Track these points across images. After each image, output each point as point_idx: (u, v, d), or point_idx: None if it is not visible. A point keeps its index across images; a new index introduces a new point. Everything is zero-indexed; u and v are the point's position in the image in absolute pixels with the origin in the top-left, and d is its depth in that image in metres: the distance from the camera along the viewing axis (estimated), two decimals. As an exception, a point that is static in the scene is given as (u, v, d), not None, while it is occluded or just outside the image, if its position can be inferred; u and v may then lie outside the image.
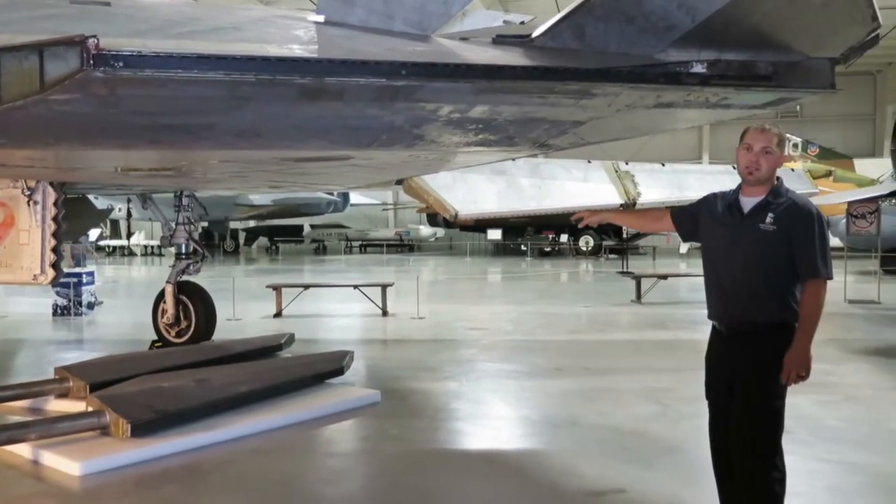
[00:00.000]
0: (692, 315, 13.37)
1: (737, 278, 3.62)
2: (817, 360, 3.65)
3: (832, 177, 31.32)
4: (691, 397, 7.40)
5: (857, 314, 13.44)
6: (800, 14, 3.50)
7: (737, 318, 3.66)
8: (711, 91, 3.70)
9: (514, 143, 4.99)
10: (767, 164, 3.60)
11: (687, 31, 3.42)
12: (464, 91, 3.51)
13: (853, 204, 16.70)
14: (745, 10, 3.34)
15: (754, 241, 3.56)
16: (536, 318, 13.22)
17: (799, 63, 3.72)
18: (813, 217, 3.53)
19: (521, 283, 22.16)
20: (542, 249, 33.75)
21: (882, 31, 3.77)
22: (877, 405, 6.99)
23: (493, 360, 9.45)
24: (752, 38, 3.54)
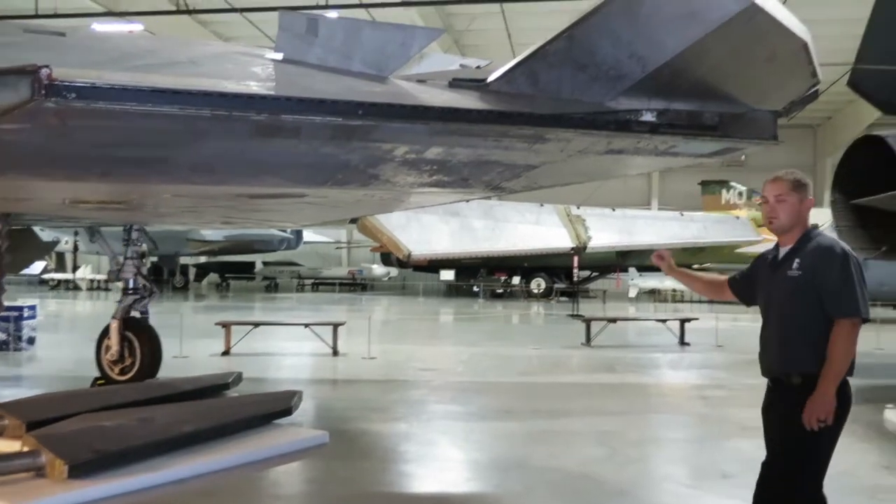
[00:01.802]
0: (640, 359, 13.52)
1: (777, 327, 3.59)
2: (759, 404, 3.71)
3: (776, 225, 32.22)
4: (639, 440, 7.47)
5: (800, 360, 13.72)
6: (745, 68, 3.64)
7: (775, 372, 3.62)
8: (660, 139, 3.79)
9: (468, 185, 5.05)
10: (784, 212, 3.58)
11: (637, 80, 3.52)
12: (420, 132, 3.55)
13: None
14: (692, 63, 3.45)
15: (784, 289, 3.53)
16: (487, 359, 13.22)
17: (744, 115, 3.85)
18: (836, 255, 3.44)
19: (473, 324, 22.18)
20: (495, 291, 33.88)
21: (821, 86, 3.93)
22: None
23: (444, 401, 9.40)
24: (700, 89, 3.66)
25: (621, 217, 34.22)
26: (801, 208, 3.60)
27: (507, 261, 32.01)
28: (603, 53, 3.47)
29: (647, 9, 3.29)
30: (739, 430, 7.77)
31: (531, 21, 24.01)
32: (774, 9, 3.27)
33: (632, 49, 3.44)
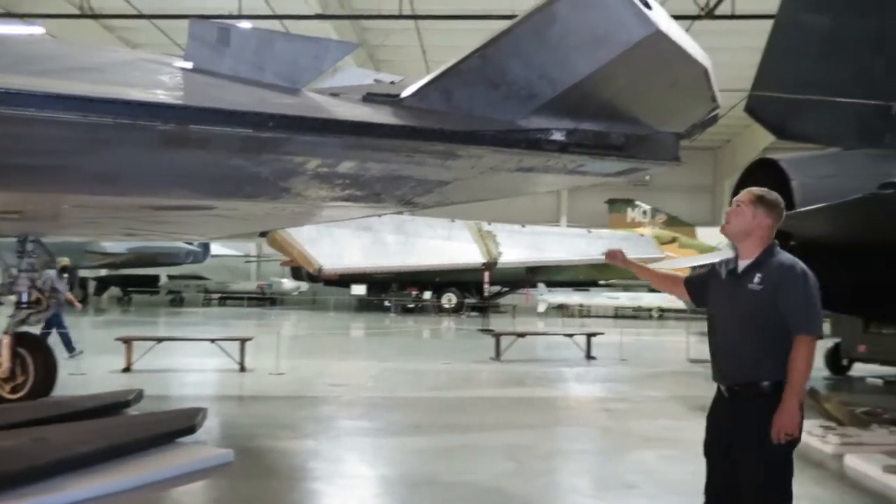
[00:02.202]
0: (548, 372, 13.74)
1: (734, 339, 3.66)
2: (661, 416, 3.82)
3: (677, 243, 33.38)
4: (546, 453, 7.58)
5: (699, 372, 14.20)
6: (649, 91, 3.77)
7: (736, 380, 3.66)
8: (569, 158, 3.89)
9: (380, 200, 5.05)
10: (736, 219, 3.68)
11: (548, 100, 3.60)
12: (332, 146, 3.54)
13: (695, 269, 17.82)
14: (600, 85, 3.56)
15: (745, 301, 3.60)
16: (398, 374, 13.18)
17: (648, 136, 3.99)
18: (797, 275, 3.53)
19: (383, 338, 22.09)
20: (406, 306, 33.86)
21: (721, 111, 4.11)
22: (717, 460, 7.37)
23: (354, 417, 9.31)
24: (607, 110, 3.77)
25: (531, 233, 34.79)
26: (753, 223, 3.65)
27: (418, 276, 32.07)
28: (514, 73, 3.54)
29: (557, 31, 3.38)
30: (642, 442, 7.98)
31: (446, 38, 24.25)
32: (678, 36, 3.41)
33: (542, 70, 3.52)
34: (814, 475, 6.62)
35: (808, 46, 8.42)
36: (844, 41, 8.41)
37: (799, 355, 3.47)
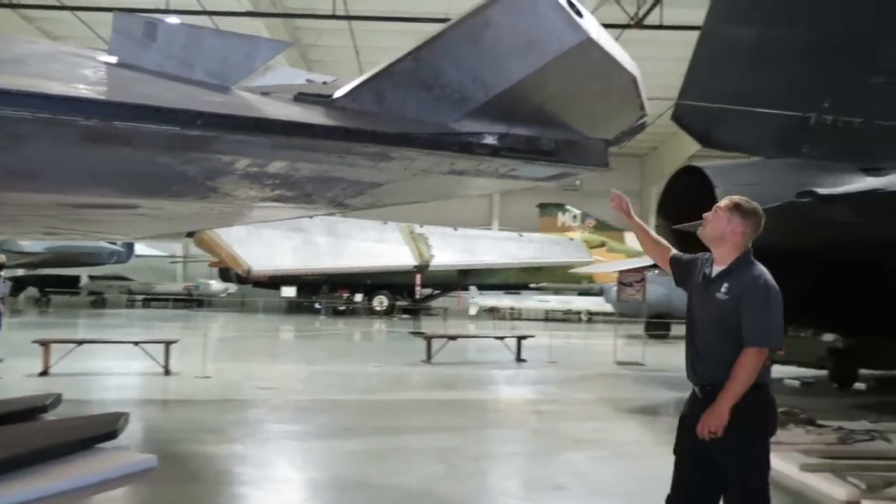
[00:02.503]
0: (479, 375, 13.82)
1: (707, 342, 3.78)
2: (589, 418, 3.88)
3: (605, 247, 34.06)
4: (477, 456, 7.61)
5: (626, 375, 14.50)
6: (579, 98, 3.83)
7: (709, 379, 3.74)
8: (501, 162, 3.92)
9: (311, 201, 4.99)
10: (711, 223, 3.77)
11: (480, 104, 3.62)
12: (262, 146, 3.48)
13: (623, 273, 18.17)
14: (532, 90, 3.59)
15: (715, 308, 3.72)
16: (328, 377, 13.07)
17: (578, 142, 4.05)
18: (758, 288, 3.64)
19: (314, 341, 21.85)
20: (337, 308, 33.57)
21: (648, 119, 4.20)
22: (642, 460, 7.54)
23: (282, 420, 9.19)
24: (539, 116, 3.81)
25: (463, 236, 35.00)
26: (727, 229, 3.73)
27: (350, 278, 31.86)
28: (448, 76, 3.55)
29: (491, 36, 3.40)
30: (571, 444, 8.10)
31: (379, 40, 24.18)
32: (607, 44, 3.47)
33: (476, 73, 3.54)
34: (734, 474, 6.81)
35: (733, 57, 8.68)
36: (767, 53, 8.70)
37: (743, 364, 3.58)
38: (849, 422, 8.37)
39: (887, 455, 7.06)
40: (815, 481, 6.28)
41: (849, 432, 7.71)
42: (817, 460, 6.65)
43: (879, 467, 6.57)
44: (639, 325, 20.71)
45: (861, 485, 6.00)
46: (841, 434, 7.62)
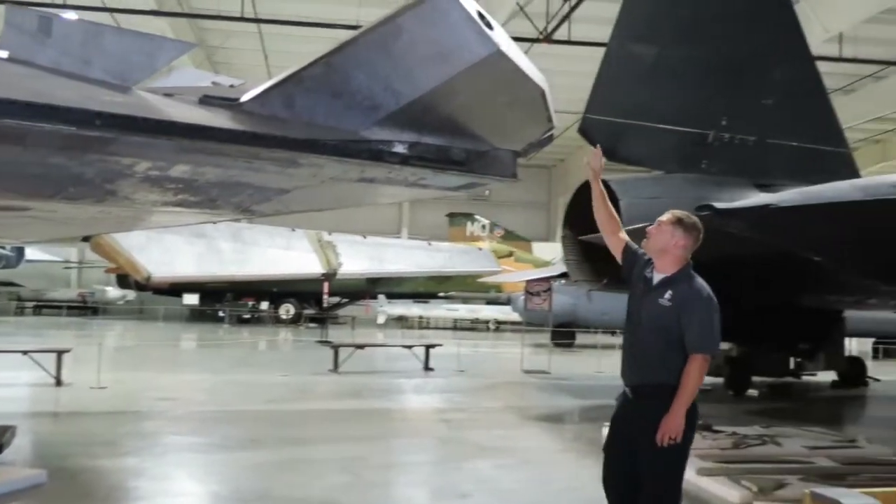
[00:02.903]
0: (387, 384, 13.76)
1: (646, 344, 3.96)
2: (496, 426, 3.91)
3: (514, 257, 34.51)
4: (383, 465, 7.57)
5: (532, 383, 14.72)
6: (489, 109, 3.87)
7: (642, 380, 3.95)
8: (411, 170, 3.91)
9: (216, 207, 4.85)
10: (656, 236, 3.97)
11: (391, 112, 3.60)
12: (164, 148, 3.36)
13: (530, 283, 18.45)
14: (442, 100, 3.60)
15: (656, 312, 3.90)
16: (232, 387, 12.75)
17: (487, 153, 4.08)
18: (702, 299, 3.89)
19: (217, 350, 21.30)
20: (242, 316, 32.81)
21: (556, 132, 4.28)
22: (548, 467, 7.65)
23: (183, 432, 8.90)
24: (449, 125, 3.83)
25: (372, 245, 34.85)
26: (671, 242, 3.95)
27: (255, 285, 31.20)
28: (358, 83, 3.52)
29: (402, 45, 3.39)
30: (478, 451, 8.14)
31: (289, 44, 23.85)
32: (517, 57, 3.52)
33: (386, 82, 3.52)
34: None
35: (637, 75, 8.97)
36: (669, 72, 9.03)
37: (691, 370, 3.82)
38: (742, 427, 8.73)
39: (778, 458, 7.39)
40: (710, 485, 6.51)
41: (742, 437, 8.03)
42: (713, 465, 6.89)
43: (770, 470, 6.87)
44: (545, 334, 21.06)
45: (753, 487, 6.26)
46: (735, 439, 7.92)
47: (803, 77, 9.88)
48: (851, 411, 13.48)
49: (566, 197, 11.84)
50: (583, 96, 8.97)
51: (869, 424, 11.73)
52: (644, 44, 8.96)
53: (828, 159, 9.69)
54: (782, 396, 14.18)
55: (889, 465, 7.25)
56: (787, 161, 9.46)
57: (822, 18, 18.87)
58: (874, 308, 12.97)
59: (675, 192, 8.76)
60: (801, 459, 7.34)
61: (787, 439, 8.17)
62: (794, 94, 9.70)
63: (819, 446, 7.92)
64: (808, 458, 7.38)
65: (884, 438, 9.05)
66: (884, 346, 22.90)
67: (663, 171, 9.26)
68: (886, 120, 30.23)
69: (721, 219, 5.98)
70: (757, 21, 9.61)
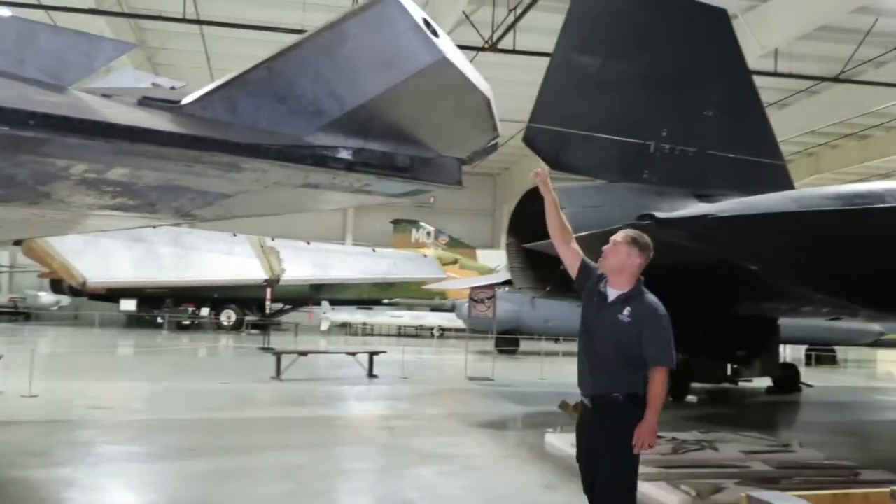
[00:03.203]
0: (330, 391, 13.64)
1: (604, 357, 4.17)
2: (440, 433, 3.91)
3: (458, 264, 34.61)
4: (326, 473, 7.49)
5: (476, 390, 14.76)
6: (434, 116, 3.87)
7: (600, 391, 4.17)
8: (355, 177, 3.88)
9: (155, 210, 4.75)
10: (613, 256, 4.18)
11: (335, 118, 3.58)
12: (102, 151, 3.27)
13: (474, 290, 18.52)
14: (387, 106, 3.59)
15: (614, 328, 4.11)
16: (170, 395, 12.48)
17: (433, 160, 4.08)
18: (660, 316, 4.12)
19: (155, 357, 20.83)
20: (181, 322, 32.17)
21: (501, 140, 4.31)
22: (491, 473, 7.67)
23: (119, 441, 8.67)
24: (394, 132, 3.81)
25: (316, 251, 34.57)
26: (627, 261, 4.17)
27: (195, 291, 30.65)
28: (302, 88, 3.49)
29: (347, 51, 3.38)
30: (421, 458, 8.13)
31: (232, 47, 23.53)
32: (463, 65, 3.53)
33: (331, 87, 3.50)
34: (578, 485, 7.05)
35: (581, 85, 9.09)
36: (612, 82, 9.17)
37: (657, 382, 4.07)
38: (682, 433, 8.90)
39: (715, 463, 7.55)
40: (651, 490, 6.61)
41: (681, 442, 8.19)
42: (653, 469, 7.01)
43: (708, 475, 7.02)
44: (489, 341, 21.16)
45: (692, 492, 6.38)
46: (675, 444, 8.08)
47: (741, 91, 10.15)
48: (785, 416, 13.86)
49: (511, 205, 11.92)
50: (527, 105, 9.04)
51: (802, 429, 12.07)
52: (588, 55, 9.08)
53: (764, 171, 9.96)
54: (720, 402, 14.50)
55: (821, 469, 7.47)
56: (725, 172, 9.69)
57: (758, 34, 19.44)
58: (807, 316, 13.36)
59: (618, 202, 8.89)
60: (737, 464, 7.52)
61: (724, 444, 8.36)
62: (733, 108, 9.95)
63: (755, 451, 8.12)
64: (745, 463, 7.56)
65: (816, 443, 9.33)
66: (816, 353, 23.65)
67: (606, 180, 9.39)
68: (819, 134, 31.28)
69: (662, 228, 6.08)
70: (696, 35, 9.84)
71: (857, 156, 33.89)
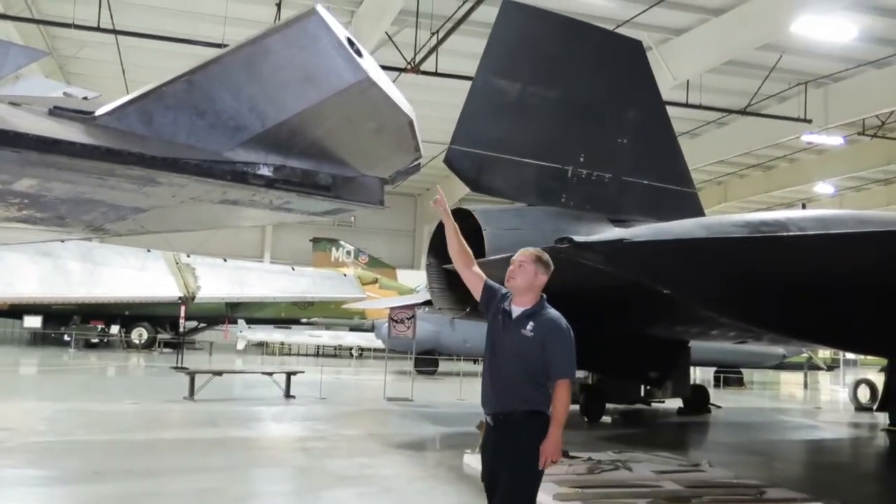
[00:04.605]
0: (245, 412, 13.35)
1: (507, 373, 4.20)
2: (358, 454, 3.88)
3: (378, 284, 34.48)
4: (239, 496, 7.32)
5: (394, 410, 14.69)
6: (356, 135, 3.87)
7: (503, 408, 4.19)
8: (276, 194, 3.84)
9: (65, 224, 4.58)
10: (521, 276, 4.25)
11: (256, 134, 3.54)
12: (8, 161, 3.15)
13: (394, 309, 18.47)
14: (309, 124, 3.58)
15: (518, 343, 4.17)
16: (76, 416, 11.98)
17: (355, 179, 4.08)
18: (562, 329, 4.20)
19: (61, 376, 19.99)
20: (90, 341, 30.98)
21: (423, 161, 4.34)
22: (409, 495, 7.63)
23: (18, 465, 8.26)
24: (315, 150, 3.80)
25: (233, 268, 33.89)
26: (535, 280, 4.27)
27: (105, 308, 29.60)
28: (222, 103, 3.44)
29: (268, 67, 3.35)
30: (338, 480, 8.03)
31: (149, 59, 22.98)
32: (386, 85, 3.55)
33: (252, 103, 3.46)
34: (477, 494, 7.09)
35: (501, 109, 9.24)
36: (531, 108, 9.36)
37: (561, 395, 4.14)
38: (597, 453, 9.05)
39: (629, 483, 7.71)
40: (565, 509, 6.70)
41: (597, 462, 8.33)
42: (569, 489, 7.10)
43: (623, 494, 7.16)
44: (408, 361, 21.11)
45: (604, 511, 6.48)
46: (590, 464, 8.21)
47: (654, 120, 10.50)
48: (696, 436, 14.26)
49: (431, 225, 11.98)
50: (449, 127, 9.13)
51: (711, 449, 12.44)
52: (508, 80, 9.24)
53: (676, 198, 10.31)
54: (634, 422, 14.82)
55: (729, 488, 7.71)
56: (639, 198, 9.99)
57: (671, 66, 20.17)
58: (716, 339, 13.83)
59: (536, 224, 9.05)
60: (650, 483, 7.69)
61: (637, 464, 8.54)
62: (647, 136, 10.28)
63: (666, 470, 8.33)
64: (657, 482, 7.74)
65: (725, 462, 9.64)
66: (724, 375, 24.46)
67: (525, 203, 9.55)
68: (727, 163, 32.60)
69: (579, 251, 6.22)
70: (613, 65, 10.15)
71: (763, 185, 35.46)
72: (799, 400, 24.26)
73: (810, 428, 16.24)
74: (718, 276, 6.88)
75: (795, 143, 28.56)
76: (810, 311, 7.37)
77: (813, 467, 11.71)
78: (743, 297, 7.26)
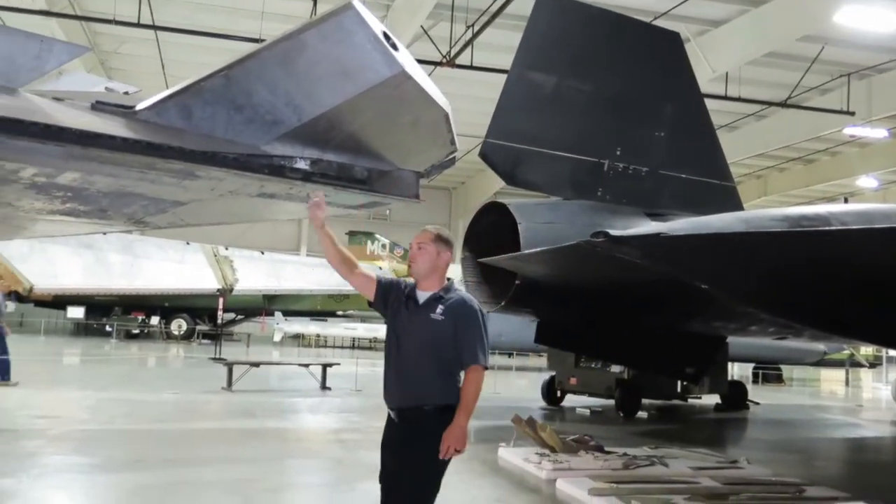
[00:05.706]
0: (281, 403, 13.49)
1: (413, 364, 3.88)
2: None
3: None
4: (275, 487, 7.40)
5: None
6: (392, 129, 3.88)
7: (408, 403, 3.90)
8: (312, 187, 3.87)
9: (106, 217, 4.67)
10: (422, 258, 3.94)
11: (293, 128, 3.57)
12: (52, 155, 3.22)
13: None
14: (346, 118, 3.60)
15: (427, 328, 3.84)
16: (117, 405, 12.21)
17: (390, 172, 4.09)
18: (475, 312, 3.91)
19: (103, 366, 20.38)
20: (130, 331, 31.52)
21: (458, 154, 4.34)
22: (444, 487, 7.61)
23: (63, 452, 8.45)
24: (352, 144, 3.82)
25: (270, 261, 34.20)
26: (438, 260, 3.96)
27: (146, 300, 30.11)
28: (260, 97, 3.47)
29: (306, 61, 3.38)
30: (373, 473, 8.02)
31: (188, 54, 23.27)
32: (421, 79, 3.55)
33: (288, 97, 3.49)
34: (530, 499, 7.09)
35: (537, 102, 9.19)
36: (567, 101, 9.29)
37: (472, 382, 3.85)
38: (632, 448, 8.98)
39: (665, 479, 7.64)
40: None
41: (632, 458, 8.27)
42: (604, 485, 7.06)
43: (658, 490, 7.09)
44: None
45: (640, 507, 6.44)
46: (625, 460, 8.15)
47: (692, 113, 10.36)
48: (733, 433, 14.09)
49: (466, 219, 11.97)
50: (484, 121, 9.10)
51: (749, 446, 12.28)
52: (543, 73, 9.19)
53: (714, 192, 10.16)
54: (670, 418, 14.69)
55: (768, 485, 7.61)
56: (677, 192, 9.87)
57: (709, 59, 19.88)
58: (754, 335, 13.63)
59: (571, 218, 8.98)
60: (686, 480, 7.61)
61: (673, 460, 8.47)
62: (684, 129, 10.14)
63: (703, 467, 8.24)
64: (694, 479, 7.67)
65: (763, 459, 9.51)
66: (763, 371, 24.12)
67: (561, 196, 9.49)
68: (767, 157, 32.06)
69: (615, 245, 6.16)
70: (650, 57, 10.03)
71: (803, 179, 34.82)
72: (840, 397, 23.83)
73: (851, 426, 15.94)
74: (757, 271, 6.78)
75: (837, 136, 28.00)
76: (852, 307, 7.23)
77: (854, 466, 11.50)
78: (782, 293, 7.14)
